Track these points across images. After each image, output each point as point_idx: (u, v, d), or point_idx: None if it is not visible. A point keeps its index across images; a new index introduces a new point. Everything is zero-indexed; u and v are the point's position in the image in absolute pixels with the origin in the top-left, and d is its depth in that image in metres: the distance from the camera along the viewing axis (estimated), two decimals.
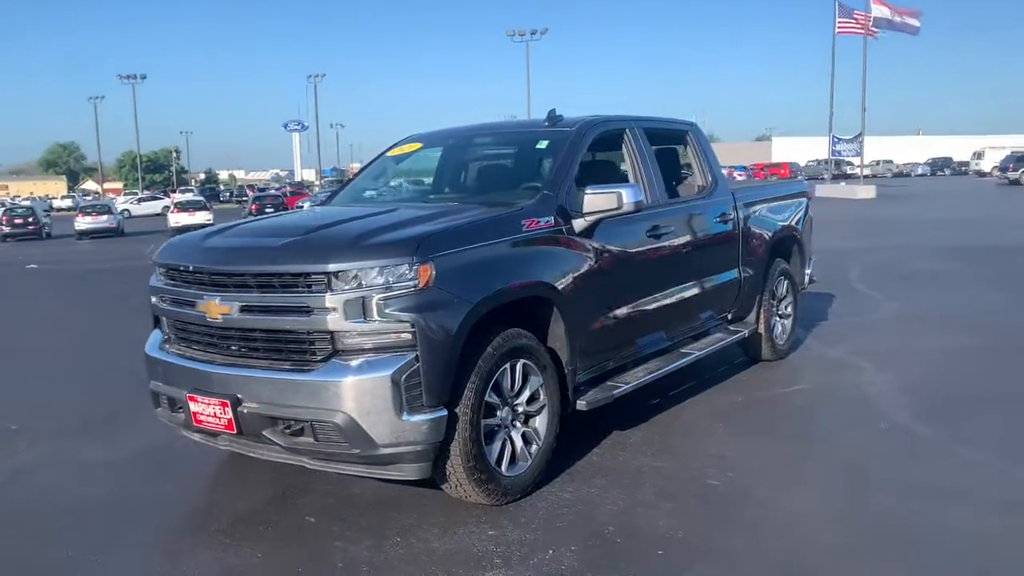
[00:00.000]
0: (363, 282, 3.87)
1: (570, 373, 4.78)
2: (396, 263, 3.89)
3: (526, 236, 4.52)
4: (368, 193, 5.99)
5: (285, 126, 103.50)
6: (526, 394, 4.49)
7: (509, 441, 4.40)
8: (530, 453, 4.50)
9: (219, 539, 4.11)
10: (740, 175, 66.70)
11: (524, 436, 4.49)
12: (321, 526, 4.20)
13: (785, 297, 7.47)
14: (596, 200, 4.84)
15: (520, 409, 4.48)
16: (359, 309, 3.85)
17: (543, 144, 5.43)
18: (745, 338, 6.97)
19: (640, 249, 5.38)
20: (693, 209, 6.14)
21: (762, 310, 7.03)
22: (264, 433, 4.08)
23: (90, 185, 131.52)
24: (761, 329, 7.06)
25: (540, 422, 4.58)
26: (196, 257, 4.36)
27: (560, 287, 4.63)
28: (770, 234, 7.05)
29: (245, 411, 4.06)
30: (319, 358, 3.95)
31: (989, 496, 4.26)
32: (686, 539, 3.91)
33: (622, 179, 5.75)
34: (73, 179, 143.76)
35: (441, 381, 3.91)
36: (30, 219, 37.80)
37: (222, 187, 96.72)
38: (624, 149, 5.72)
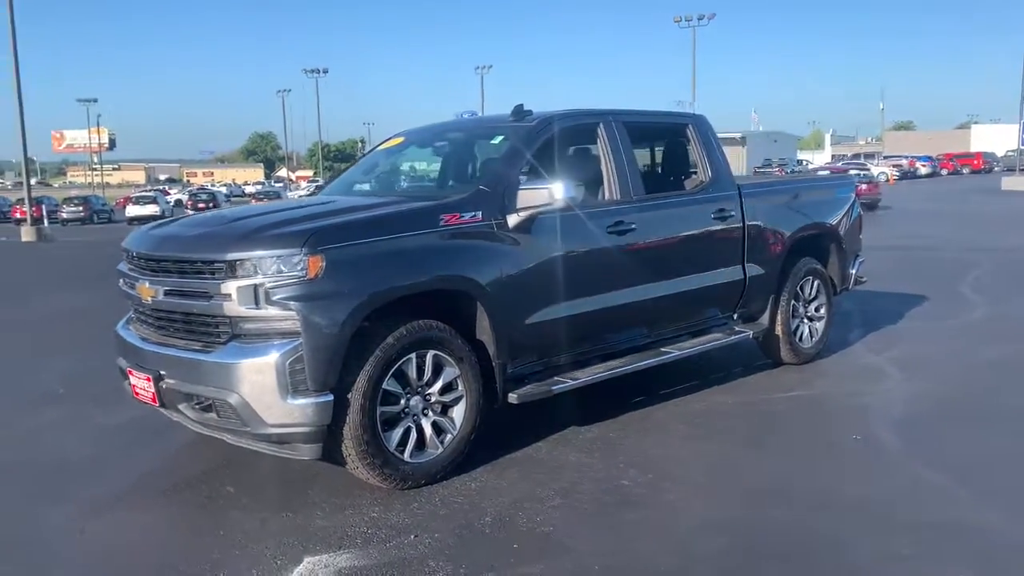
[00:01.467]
0: (258, 271, 4.13)
1: (498, 366, 4.84)
2: (287, 254, 4.12)
3: (443, 230, 4.62)
4: (358, 186, 6.24)
5: (458, 116, 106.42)
6: (438, 384, 4.60)
7: (415, 429, 4.52)
8: (441, 442, 4.61)
9: (146, 500, 4.52)
10: (924, 165, 62.39)
11: (436, 425, 4.61)
12: (235, 497, 4.52)
13: (815, 298, 7.11)
14: (528, 196, 4.87)
15: (433, 399, 4.60)
16: (254, 296, 4.12)
17: (497, 140, 5.49)
18: (758, 340, 6.74)
19: (597, 245, 5.32)
20: (677, 205, 5.99)
21: (779, 311, 6.74)
22: (180, 407, 4.45)
23: (284, 173, 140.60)
24: (779, 331, 6.77)
25: (457, 412, 4.68)
26: (139, 243, 4.78)
27: (482, 282, 4.70)
28: (790, 232, 6.73)
29: (165, 386, 4.44)
30: (222, 340, 4.26)
31: (909, 520, 3.97)
32: (550, 535, 3.92)
33: (596, 174, 5.70)
34: (270, 167, 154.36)
35: (325, 368, 4.11)
36: (211, 204, 41.33)
37: None
38: (598, 144, 5.67)
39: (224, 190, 75.50)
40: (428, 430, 4.59)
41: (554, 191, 4.82)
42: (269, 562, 3.73)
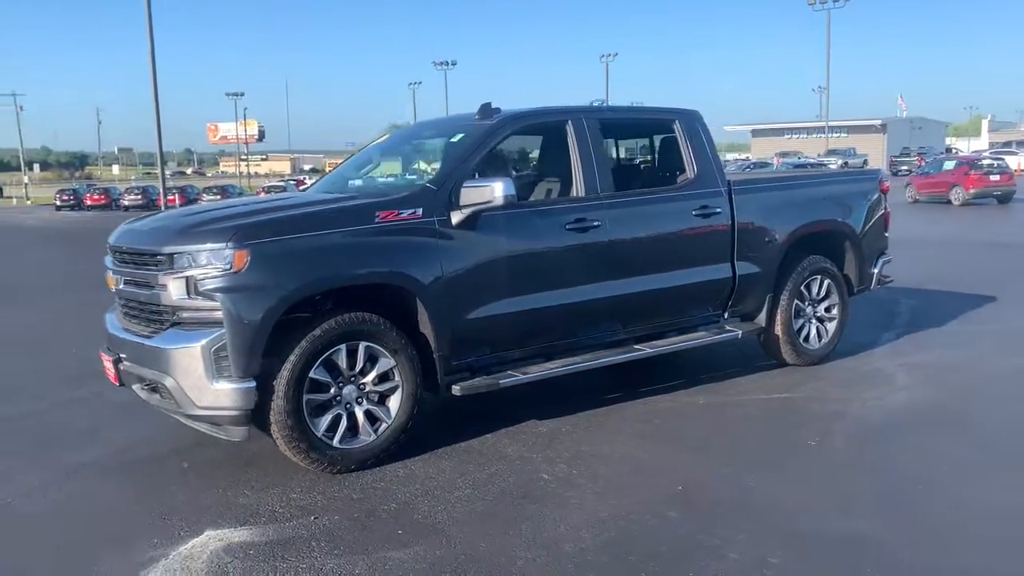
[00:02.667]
0: (192, 264, 4.46)
1: (439, 359, 5.01)
2: (216, 248, 4.43)
3: (377, 227, 4.82)
4: (351, 182, 6.48)
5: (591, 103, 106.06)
6: (372, 374, 4.80)
7: (347, 416, 4.75)
8: (375, 430, 4.82)
9: (110, 471, 4.98)
10: None
11: (369, 413, 4.82)
12: (185, 472, 4.90)
13: (824, 298, 6.88)
14: (470, 194, 4.99)
15: (368, 388, 4.81)
16: (187, 287, 4.45)
17: (457, 138, 5.61)
18: (760, 339, 6.61)
19: (550, 242, 5.38)
20: (651, 202, 5.95)
21: (778, 310, 6.58)
22: (134, 388, 4.85)
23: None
24: (778, 331, 6.61)
25: (393, 402, 4.88)
26: (113, 236, 5.21)
27: (418, 277, 4.87)
28: (789, 229, 6.53)
29: (123, 368, 4.85)
30: (164, 327, 4.62)
31: (802, 531, 3.90)
32: (437, 523, 4.07)
33: (560, 172, 5.75)
34: None
35: (247, 356, 4.39)
36: None
37: None
38: (566, 142, 5.71)
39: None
40: (361, 418, 4.80)
41: (495, 189, 4.92)
42: (174, 533, 4.05)
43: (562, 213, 5.48)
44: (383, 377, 4.86)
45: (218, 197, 47.80)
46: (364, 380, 4.81)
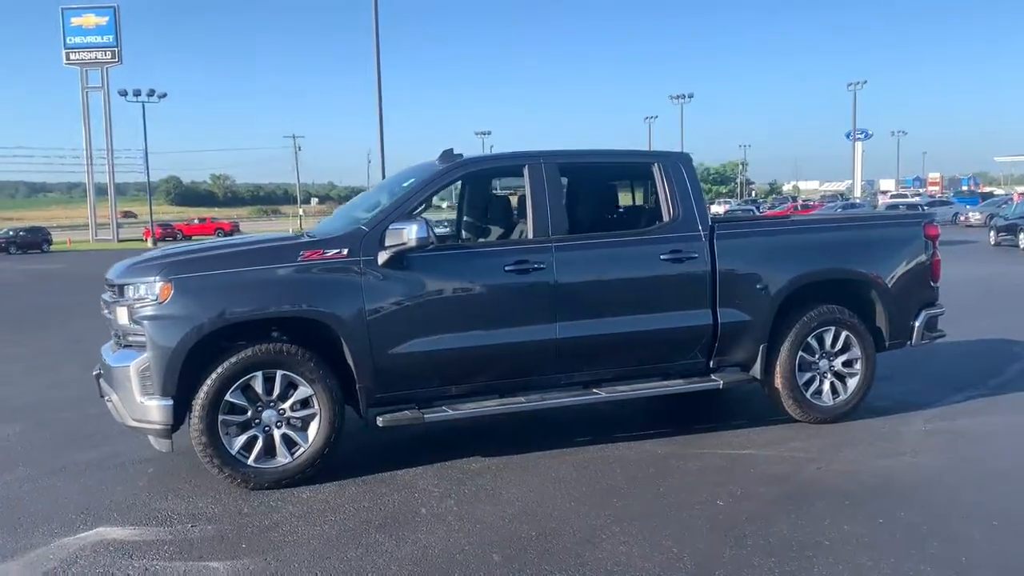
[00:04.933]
0: (134, 294, 5.15)
1: (361, 390, 5.34)
2: (149, 281, 5.09)
3: (299, 265, 5.24)
4: (357, 214, 6.88)
5: (847, 135, 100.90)
6: (291, 401, 5.22)
7: (263, 438, 5.19)
8: (291, 453, 5.23)
9: (86, 470, 5.74)
10: None
11: (287, 437, 5.24)
12: (150, 477, 5.56)
13: (842, 351, 6.39)
14: (391, 236, 5.29)
15: (286, 413, 5.24)
16: (129, 314, 5.14)
17: (407, 182, 5.90)
18: (764, 387, 6.29)
19: (485, 283, 5.52)
20: (610, 245, 5.90)
21: (777, 362, 6.22)
22: (104, 400, 5.60)
23: None
24: (778, 384, 6.25)
25: (312, 428, 5.27)
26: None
27: (338, 313, 5.23)
28: (789, 276, 6.15)
29: (100, 383, 5.62)
30: (120, 348, 5.33)
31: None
32: (284, 541, 4.39)
33: (509, 215, 5.88)
34: None
35: (164, 377, 4.98)
36: None
37: (764, 199, 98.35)
38: (523, 186, 5.84)
39: None
40: (278, 441, 5.22)
41: (410, 231, 5.19)
42: (74, 526, 4.69)
43: (502, 255, 5.61)
44: (304, 404, 5.25)
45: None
46: (283, 406, 5.23)
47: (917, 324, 6.63)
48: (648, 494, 4.99)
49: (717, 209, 66.52)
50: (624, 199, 6.90)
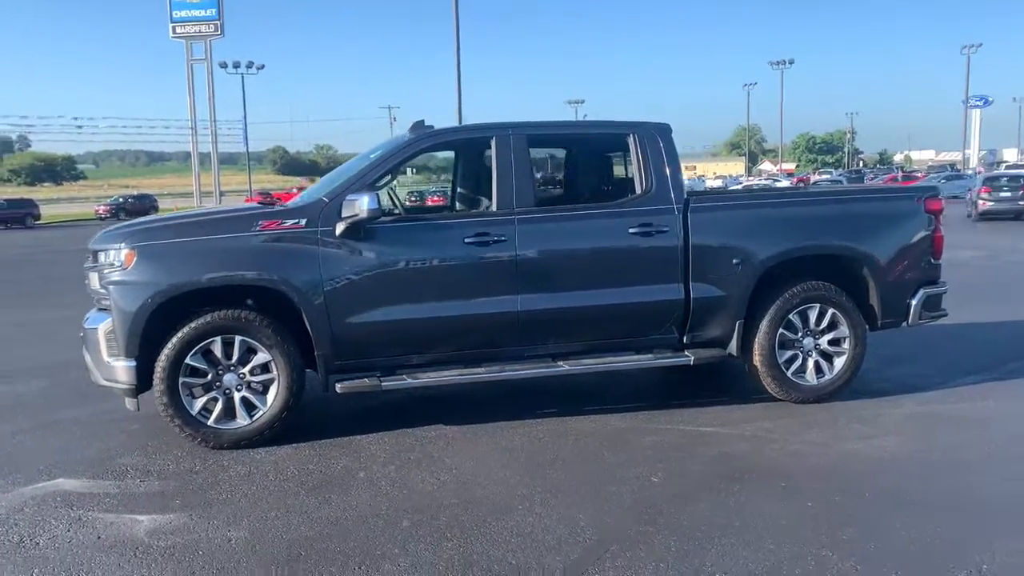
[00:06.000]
0: (104, 259, 5.42)
1: (319, 357, 5.48)
2: (116, 248, 5.34)
3: (256, 235, 5.40)
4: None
5: (964, 102, 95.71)
6: (250, 365, 5.42)
7: (224, 400, 5.41)
8: (250, 416, 5.43)
9: (68, 426, 6.10)
10: None
11: (246, 400, 5.44)
12: (120, 435, 5.87)
13: (828, 330, 6.19)
14: (348, 206, 5.38)
15: (246, 377, 5.44)
16: (99, 279, 5.42)
17: (374, 153, 5.96)
18: (746, 364, 6.16)
19: (442, 255, 5.56)
20: (576, 218, 5.85)
21: (755, 339, 6.08)
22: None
23: (767, 166, 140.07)
24: (756, 361, 6.11)
25: (271, 393, 5.46)
26: None
27: (294, 281, 5.37)
28: (768, 251, 5.97)
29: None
30: (96, 310, 5.63)
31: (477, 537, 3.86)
32: (211, 498, 4.59)
33: (485, 187, 5.90)
34: (753, 160, 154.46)
35: (126, 339, 5.24)
36: None
37: (870, 168, 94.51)
38: (489, 157, 5.85)
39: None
40: (238, 403, 5.43)
41: (362, 203, 5.27)
42: (37, 476, 5.01)
43: (462, 227, 5.64)
44: (264, 369, 5.43)
45: None
46: (243, 370, 5.43)
47: (914, 303, 6.34)
48: (587, 468, 4.98)
49: (817, 178, 64.27)
50: (599, 171, 6.79)
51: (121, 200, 56.96)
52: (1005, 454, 5.13)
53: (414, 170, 7.14)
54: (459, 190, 7.06)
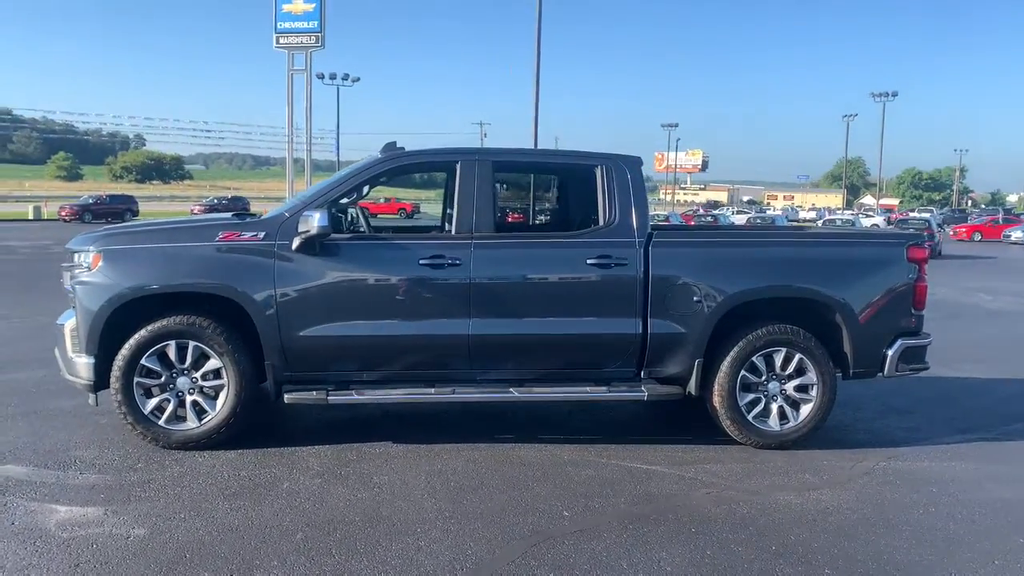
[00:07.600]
0: (77, 261, 5.72)
1: (269, 367, 5.64)
2: (86, 251, 5.63)
3: (216, 245, 5.59)
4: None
5: None
6: (202, 370, 5.62)
7: (175, 402, 5.62)
8: (199, 418, 5.63)
9: (47, 420, 6.40)
10: None
11: (197, 404, 5.64)
12: (84, 426, 6.15)
13: (795, 374, 6.02)
14: (303, 222, 5.54)
15: (198, 382, 5.64)
16: (71, 278, 5.72)
17: (342, 172, 6.10)
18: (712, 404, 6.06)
19: (396, 275, 5.65)
20: (533, 247, 5.88)
21: (716, 379, 5.96)
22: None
23: (868, 200, 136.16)
24: (715, 402, 6.00)
25: (221, 398, 5.65)
26: None
27: (249, 292, 5.54)
28: (732, 290, 5.86)
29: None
30: (68, 308, 5.94)
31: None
32: (136, 495, 4.77)
33: (446, 210, 5.97)
34: (854, 193, 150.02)
35: (87, 337, 5.50)
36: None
37: (977, 208, 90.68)
38: (453, 182, 5.93)
39: (780, 213, 75.27)
40: (188, 406, 5.63)
41: (313, 219, 5.42)
42: None
43: (417, 249, 5.72)
44: (216, 374, 5.62)
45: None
46: (196, 375, 5.63)
47: (890, 353, 6.10)
48: (506, 497, 4.97)
49: (913, 216, 61.66)
50: (564, 200, 6.77)
51: (215, 201, 59.27)
52: (937, 521, 4.87)
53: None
54: (447, 211, 7.16)
